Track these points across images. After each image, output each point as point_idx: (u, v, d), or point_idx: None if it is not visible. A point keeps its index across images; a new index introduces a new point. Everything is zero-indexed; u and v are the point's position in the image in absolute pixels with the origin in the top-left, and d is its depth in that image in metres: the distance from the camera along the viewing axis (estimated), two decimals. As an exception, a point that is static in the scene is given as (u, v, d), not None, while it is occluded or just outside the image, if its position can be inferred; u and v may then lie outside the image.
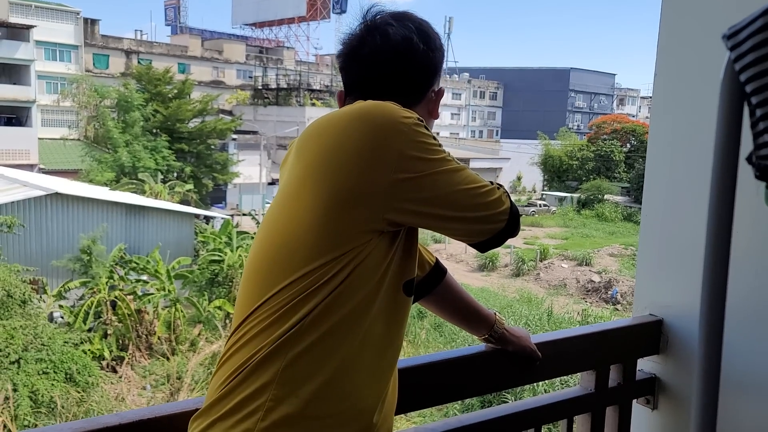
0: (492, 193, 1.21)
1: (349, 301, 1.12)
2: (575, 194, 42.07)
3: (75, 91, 33.60)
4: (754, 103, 0.69)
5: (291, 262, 1.12)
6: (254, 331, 1.12)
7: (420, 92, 1.35)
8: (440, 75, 1.41)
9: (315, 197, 1.13)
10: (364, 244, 1.12)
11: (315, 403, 1.09)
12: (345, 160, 1.13)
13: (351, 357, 1.13)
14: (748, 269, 1.71)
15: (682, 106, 1.89)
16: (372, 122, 1.15)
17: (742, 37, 0.69)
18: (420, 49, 1.31)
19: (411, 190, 1.13)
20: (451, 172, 1.17)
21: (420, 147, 1.14)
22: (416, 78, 1.33)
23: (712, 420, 0.75)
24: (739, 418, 1.78)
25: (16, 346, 11.09)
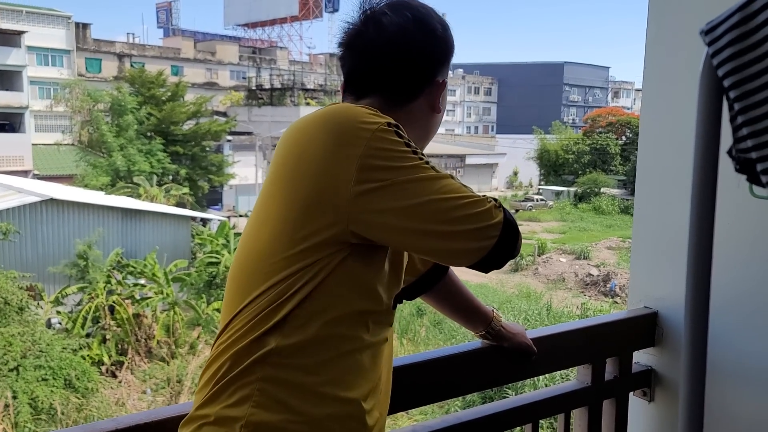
0: (478, 204, 1.08)
1: (324, 311, 1.10)
2: (572, 188, 42.07)
3: (68, 95, 33.47)
4: (732, 97, 0.70)
5: (262, 271, 1.11)
6: (233, 338, 1.12)
7: (417, 85, 1.27)
8: (444, 66, 1.31)
9: (280, 205, 1.11)
10: (333, 254, 1.08)
11: (297, 412, 1.08)
12: (306, 168, 1.09)
13: (330, 367, 1.11)
14: (736, 259, 1.73)
15: (672, 98, 1.90)
16: (331, 129, 1.09)
17: (720, 32, 0.70)
18: (416, 39, 1.24)
19: (374, 201, 1.05)
20: (424, 180, 1.06)
21: (384, 154, 1.06)
22: (412, 70, 1.26)
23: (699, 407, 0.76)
24: (729, 404, 1.79)
25: (14, 353, 11.08)
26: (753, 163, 0.72)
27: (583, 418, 1.89)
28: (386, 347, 1.25)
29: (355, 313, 1.13)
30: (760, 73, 0.69)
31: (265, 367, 1.08)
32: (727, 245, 1.68)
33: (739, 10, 0.69)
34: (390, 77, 1.24)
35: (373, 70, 1.25)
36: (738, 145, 0.71)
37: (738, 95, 0.69)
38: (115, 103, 30.67)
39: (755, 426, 1.78)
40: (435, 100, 1.29)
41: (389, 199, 1.05)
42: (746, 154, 0.71)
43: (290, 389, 1.08)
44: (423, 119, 1.30)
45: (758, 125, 0.70)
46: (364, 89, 1.25)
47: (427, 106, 1.29)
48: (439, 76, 1.30)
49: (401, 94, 1.26)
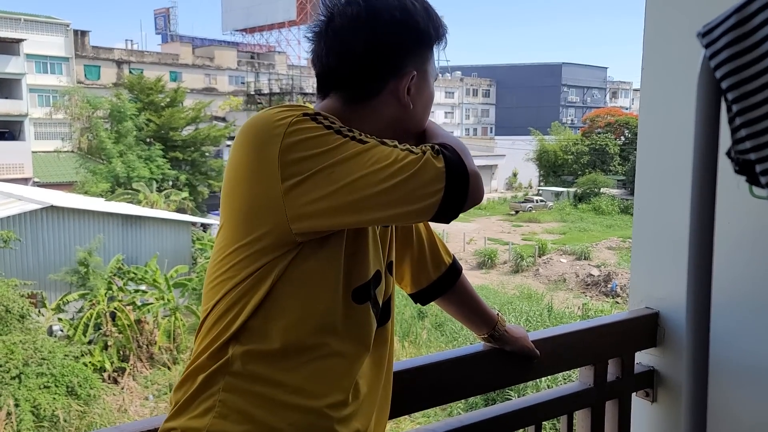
0: (411, 164, 1.03)
1: (281, 317, 1.09)
2: (571, 189, 42.10)
3: (67, 103, 33.51)
4: (730, 99, 0.70)
5: (217, 279, 1.12)
6: (198, 349, 1.13)
7: (377, 79, 1.16)
8: (413, 55, 1.17)
9: (226, 214, 1.12)
10: (280, 257, 1.07)
11: (258, 422, 1.07)
12: (237, 176, 1.08)
13: (292, 375, 1.09)
14: (737, 259, 1.73)
15: (670, 99, 1.90)
16: (249, 134, 1.07)
17: (717, 34, 0.70)
18: (367, 29, 1.13)
19: (306, 193, 1.02)
20: (351, 158, 1.02)
21: (303, 145, 1.02)
22: (364, 64, 1.14)
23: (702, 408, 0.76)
24: (732, 405, 1.79)
25: (16, 361, 11.07)
26: (752, 165, 0.72)
27: (586, 420, 1.89)
28: (374, 354, 1.22)
29: (315, 315, 1.11)
30: (758, 74, 0.69)
31: (227, 377, 1.08)
32: (727, 245, 1.68)
33: (736, 12, 0.69)
34: (342, 74, 1.16)
35: (326, 69, 1.18)
36: (737, 147, 0.71)
37: (736, 97, 0.69)
38: (114, 110, 30.71)
39: (758, 426, 1.77)
40: (401, 94, 1.17)
41: (320, 186, 1.02)
42: (745, 156, 0.72)
43: (252, 399, 1.08)
44: (393, 116, 1.18)
45: (757, 126, 0.70)
46: (324, 90, 1.20)
47: (393, 100, 1.17)
48: (408, 67, 1.17)
49: (359, 89, 1.16)
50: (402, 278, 1.48)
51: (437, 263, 1.48)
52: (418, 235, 1.45)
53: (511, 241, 28.95)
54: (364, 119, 1.16)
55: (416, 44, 1.18)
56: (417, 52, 1.18)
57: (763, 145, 0.71)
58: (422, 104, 1.22)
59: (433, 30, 1.19)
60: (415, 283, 1.49)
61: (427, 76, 1.21)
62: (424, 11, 1.17)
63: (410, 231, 1.44)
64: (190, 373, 1.12)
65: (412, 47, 1.17)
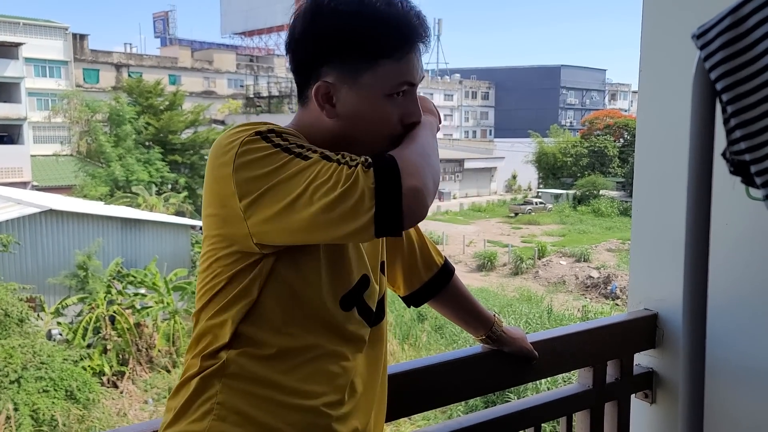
0: (344, 181, 0.98)
1: (269, 322, 1.10)
2: (571, 191, 42.11)
3: (66, 106, 33.51)
4: (725, 100, 0.70)
5: (204, 286, 1.14)
6: (192, 355, 1.15)
7: (304, 83, 1.14)
8: (328, 62, 1.09)
9: (203, 225, 1.14)
10: (259, 267, 1.09)
11: (257, 423, 1.09)
12: (206, 193, 1.11)
13: (289, 376, 1.11)
14: (734, 261, 1.73)
15: (667, 101, 1.91)
16: (210, 155, 1.09)
17: (711, 36, 0.70)
18: (302, 25, 1.10)
19: (258, 212, 1.02)
20: (291, 178, 1.00)
21: (252, 165, 1.02)
22: (295, 66, 1.13)
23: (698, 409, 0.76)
24: (729, 406, 1.80)
25: (15, 365, 11.06)
26: (747, 165, 0.73)
27: (585, 421, 1.89)
28: (369, 352, 1.24)
29: (303, 318, 1.12)
30: (751, 75, 0.69)
31: (224, 379, 1.10)
32: (724, 247, 1.68)
33: (730, 14, 0.69)
34: (296, 80, 1.16)
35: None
36: (732, 148, 0.72)
37: (731, 98, 0.69)
38: (113, 113, 30.71)
39: (756, 427, 1.78)
40: (323, 102, 1.11)
41: (268, 206, 1.01)
42: (740, 156, 0.72)
43: (249, 400, 1.09)
44: (327, 128, 1.14)
45: (751, 127, 0.71)
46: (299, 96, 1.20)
47: (316, 109, 1.12)
48: (323, 75, 1.10)
49: (300, 96, 1.17)
50: (394, 281, 1.48)
51: (428, 265, 1.48)
52: (408, 237, 1.45)
53: (510, 243, 28.95)
54: (311, 130, 1.15)
55: (336, 52, 1.09)
56: (338, 61, 1.09)
57: (758, 146, 0.71)
58: (355, 120, 1.12)
59: (372, 41, 1.07)
60: (407, 285, 1.49)
61: (360, 90, 1.10)
62: (373, 18, 1.08)
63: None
64: (185, 379, 1.14)
65: (331, 54, 1.09)
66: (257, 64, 55.52)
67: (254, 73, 52.91)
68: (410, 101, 1.14)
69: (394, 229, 1.00)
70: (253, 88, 50.63)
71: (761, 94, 0.70)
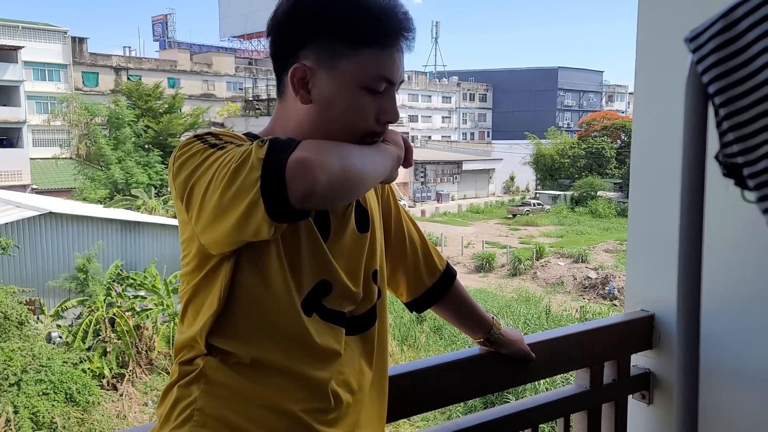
0: (237, 157, 0.95)
1: (238, 328, 1.10)
2: (568, 192, 42.17)
3: (65, 110, 33.55)
4: (717, 103, 0.71)
5: (180, 296, 1.16)
6: (175, 360, 1.16)
7: (278, 70, 1.14)
8: (307, 44, 1.08)
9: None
10: (218, 271, 1.08)
11: (235, 428, 1.08)
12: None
13: (264, 383, 1.10)
14: (728, 262, 1.74)
15: (662, 103, 1.92)
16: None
17: (703, 39, 0.71)
18: (286, 5, 1.09)
19: (192, 209, 1.01)
20: (203, 173, 0.99)
21: (183, 165, 1.02)
22: (276, 52, 1.12)
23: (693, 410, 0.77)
24: (725, 407, 1.80)
25: (14, 368, 11.05)
26: (740, 168, 0.73)
27: (583, 422, 1.90)
28: (361, 358, 1.23)
29: (271, 327, 1.10)
30: (744, 78, 0.70)
31: (202, 386, 1.10)
32: (719, 249, 1.69)
33: (722, 17, 0.70)
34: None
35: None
36: (724, 150, 0.72)
37: (723, 101, 0.70)
38: (113, 117, 30.75)
39: (751, 428, 1.78)
40: (299, 87, 1.09)
41: (195, 202, 1.00)
42: (732, 159, 0.73)
43: (228, 406, 1.09)
44: (297, 116, 1.12)
45: (744, 130, 0.71)
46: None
47: (291, 97, 1.11)
48: (302, 57, 1.08)
49: (278, 86, 1.16)
50: (397, 288, 1.48)
51: (431, 270, 1.48)
52: (412, 243, 1.45)
53: (508, 244, 28.97)
54: (286, 123, 1.14)
55: (316, 35, 1.07)
56: (318, 44, 1.07)
57: (750, 149, 0.72)
58: (329, 108, 1.10)
59: (355, 28, 1.06)
60: (411, 292, 1.49)
61: (336, 77, 1.08)
62: (357, 6, 1.07)
63: (403, 240, 1.43)
64: (168, 387, 1.15)
65: (311, 36, 1.07)
66: (256, 67, 55.53)
67: (253, 76, 52.93)
68: (387, 99, 1.12)
69: (282, 207, 0.93)
70: (252, 91, 50.66)
71: (754, 96, 0.71)
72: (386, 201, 1.39)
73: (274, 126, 1.17)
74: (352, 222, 1.21)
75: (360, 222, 1.23)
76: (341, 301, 1.18)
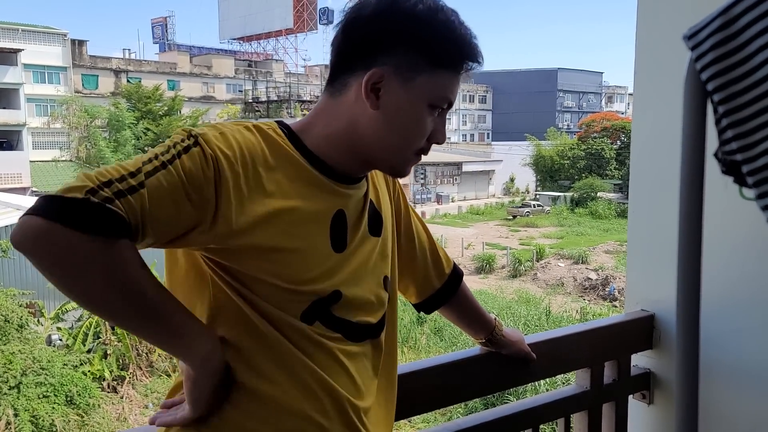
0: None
1: (242, 354, 1.07)
2: (568, 193, 42.17)
3: (65, 112, 33.55)
4: (716, 100, 0.71)
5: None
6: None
7: (346, 70, 1.11)
8: (390, 52, 1.07)
9: None
10: (202, 280, 1.10)
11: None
12: None
13: (278, 388, 1.07)
14: (728, 261, 1.74)
15: (661, 103, 1.92)
16: None
17: (702, 36, 0.71)
18: (376, 6, 1.08)
19: None
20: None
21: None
22: (340, 51, 1.11)
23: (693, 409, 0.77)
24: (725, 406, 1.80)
25: (15, 371, 11.03)
26: (739, 165, 0.73)
27: (583, 422, 1.90)
28: (369, 364, 1.20)
29: (271, 349, 1.07)
30: (742, 76, 0.70)
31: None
32: (718, 247, 1.69)
33: (720, 15, 0.70)
34: (331, 64, 1.13)
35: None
36: (723, 148, 0.72)
37: (722, 98, 0.70)
38: (113, 119, 30.77)
39: (751, 427, 1.78)
40: (363, 88, 1.07)
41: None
42: (732, 156, 0.73)
43: (235, 408, 1.08)
44: (352, 115, 1.10)
45: (742, 127, 0.71)
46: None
47: (357, 97, 1.08)
48: (381, 63, 1.07)
49: (335, 81, 1.12)
50: (406, 290, 1.47)
51: (440, 272, 1.47)
52: (421, 245, 1.44)
53: (509, 245, 28.96)
54: (331, 116, 1.12)
55: (401, 44, 1.07)
56: (401, 53, 1.07)
57: (749, 146, 0.72)
58: (395, 118, 1.09)
59: (439, 48, 1.07)
60: (420, 293, 1.48)
61: (410, 90, 1.08)
62: (446, 28, 1.08)
63: (413, 242, 1.42)
64: (175, 387, 1.14)
65: (395, 45, 1.07)
66: (256, 69, 55.60)
67: (253, 78, 52.99)
68: (442, 122, 1.13)
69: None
70: (251, 93, 50.70)
71: (752, 94, 0.71)
72: (397, 202, 1.37)
73: (316, 119, 1.13)
74: (365, 224, 1.19)
75: (373, 225, 1.21)
76: (349, 309, 1.14)
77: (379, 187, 1.28)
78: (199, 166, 0.96)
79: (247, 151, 1.02)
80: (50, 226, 0.85)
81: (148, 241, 0.94)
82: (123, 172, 0.92)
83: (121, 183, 0.90)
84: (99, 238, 0.87)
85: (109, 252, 0.88)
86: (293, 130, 1.12)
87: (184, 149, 0.97)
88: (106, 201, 0.88)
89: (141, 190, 0.91)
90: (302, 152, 1.10)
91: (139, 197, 0.90)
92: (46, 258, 0.87)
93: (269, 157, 1.05)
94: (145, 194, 0.91)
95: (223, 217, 0.98)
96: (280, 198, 1.04)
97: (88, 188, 0.88)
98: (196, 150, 0.97)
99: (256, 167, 1.03)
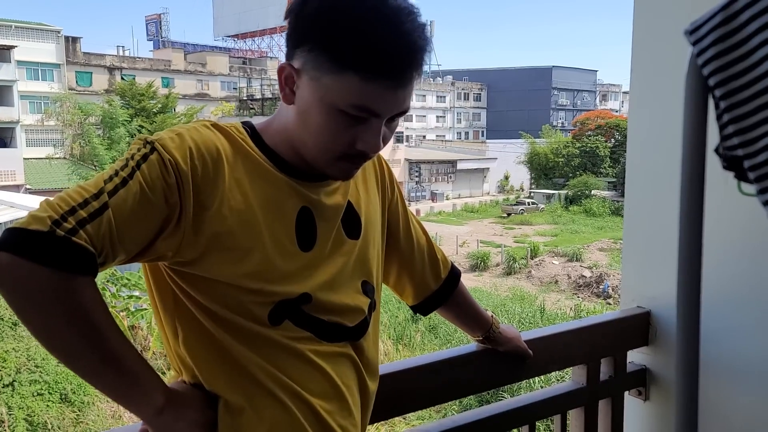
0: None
1: (221, 375, 1.07)
2: (563, 191, 42.24)
3: (59, 109, 33.42)
4: (717, 95, 0.71)
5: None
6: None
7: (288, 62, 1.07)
8: (300, 48, 1.02)
9: None
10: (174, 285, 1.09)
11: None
12: None
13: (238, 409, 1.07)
14: (727, 257, 1.74)
15: (658, 99, 1.92)
16: None
17: (703, 32, 0.71)
18: (288, 11, 1.05)
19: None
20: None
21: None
22: (285, 41, 1.08)
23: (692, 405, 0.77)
24: (724, 402, 1.81)
25: (9, 369, 11.01)
26: (740, 161, 0.73)
27: (579, 419, 1.90)
28: (352, 365, 1.18)
29: (239, 368, 1.07)
30: (744, 71, 0.70)
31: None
32: (717, 243, 1.69)
33: (722, 10, 0.70)
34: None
35: None
36: (725, 143, 0.72)
37: (723, 93, 0.70)
38: (107, 116, 30.66)
39: (749, 423, 1.79)
40: (281, 81, 1.05)
41: None
42: (733, 152, 0.73)
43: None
44: (287, 112, 1.09)
45: (744, 122, 0.71)
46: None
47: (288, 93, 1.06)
48: (295, 57, 1.03)
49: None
50: (402, 291, 1.46)
51: (436, 273, 1.46)
52: (419, 247, 1.42)
53: (503, 243, 29.00)
54: (281, 113, 1.13)
55: (308, 41, 1.00)
56: (307, 50, 1.01)
57: (751, 141, 0.72)
58: (305, 117, 1.04)
59: (349, 50, 0.97)
60: (417, 295, 1.47)
61: (316, 91, 1.01)
62: (368, 29, 0.97)
63: (411, 245, 1.41)
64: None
65: (304, 41, 1.01)
66: (250, 67, 55.46)
67: (247, 76, 52.86)
68: (368, 129, 1.02)
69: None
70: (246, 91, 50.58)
71: (754, 89, 0.70)
72: (394, 205, 1.36)
73: (276, 116, 1.14)
74: (338, 226, 1.16)
75: (349, 227, 1.19)
76: (319, 312, 1.12)
77: (364, 189, 1.25)
78: (159, 174, 0.96)
79: (205, 148, 1.01)
80: (13, 260, 0.85)
81: (120, 258, 0.95)
82: (85, 195, 0.91)
83: (85, 208, 0.90)
84: (63, 273, 0.87)
85: (71, 287, 0.88)
86: (256, 129, 1.12)
87: (142, 158, 0.97)
88: (71, 232, 0.87)
89: (106, 211, 0.91)
90: (262, 149, 1.09)
91: (105, 220, 0.90)
92: (10, 292, 0.87)
93: (228, 154, 1.04)
94: (110, 215, 0.91)
95: (185, 215, 0.98)
96: (238, 194, 1.03)
97: (52, 219, 0.87)
98: (154, 157, 0.97)
99: (216, 163, 1.02)
